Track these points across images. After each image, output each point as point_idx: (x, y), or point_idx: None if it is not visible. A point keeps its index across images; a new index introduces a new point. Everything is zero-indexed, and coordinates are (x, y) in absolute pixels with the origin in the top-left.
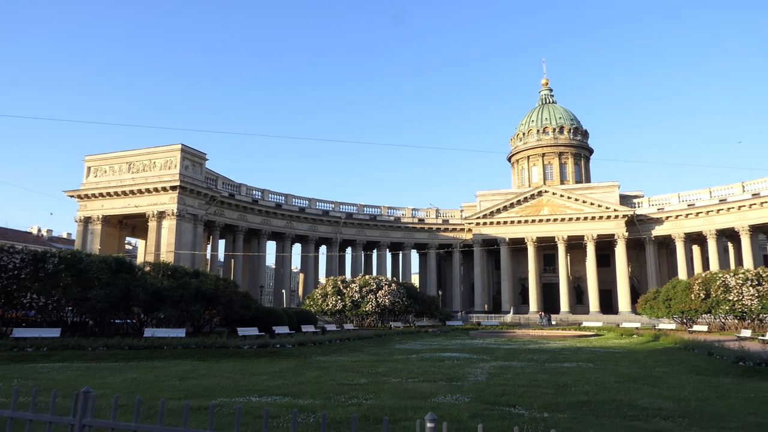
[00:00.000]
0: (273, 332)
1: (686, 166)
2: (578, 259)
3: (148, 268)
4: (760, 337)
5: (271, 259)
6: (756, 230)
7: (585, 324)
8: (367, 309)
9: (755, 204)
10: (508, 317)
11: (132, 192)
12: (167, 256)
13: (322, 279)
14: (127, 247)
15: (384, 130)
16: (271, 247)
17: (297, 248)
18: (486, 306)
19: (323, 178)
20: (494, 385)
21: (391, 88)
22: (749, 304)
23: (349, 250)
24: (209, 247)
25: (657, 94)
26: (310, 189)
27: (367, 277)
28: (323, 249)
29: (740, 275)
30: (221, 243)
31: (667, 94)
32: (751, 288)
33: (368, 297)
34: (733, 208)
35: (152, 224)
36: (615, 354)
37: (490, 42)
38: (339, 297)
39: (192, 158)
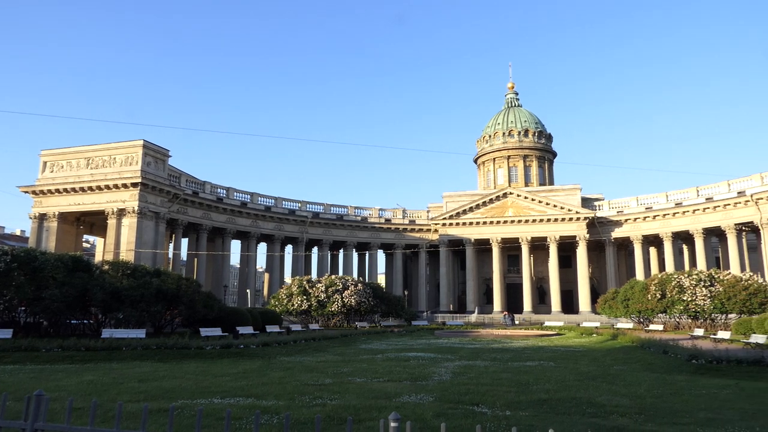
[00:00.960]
0: (237, 332)
1: (645, 171)
2: (541, 260)
3: (106, 267)
4: (712, 336)
5: (235, 258)
6: (709, 233)
7: (547, 323)
8: (333, 309)
9: (708, 208)
10: (473, 317)
11: (91, 188)
12: (127, 254)
13: (287, 279)
14: (85, 245)
15: (351, 131)
16: (235, 246)
17: (262, 248)
18: (451, 306)
19: (290, 177)
20: (458, 384)
21: (358, 89)
22: (702, 304)
23: (315, 249)
24: (171, 245)
25: (619, 99)
26: (276, 188)
27: (333, 276)
28: (289, 248)
29: (694, 276)
30: (184, 242)
31: (629, 98)
32: (704, 288)
33: (334, 297)
34: (688, 211)
35: (112, 222)
36: (575, 353)
37: (459, 44)
38: (305, 297)
39: (154, 154)
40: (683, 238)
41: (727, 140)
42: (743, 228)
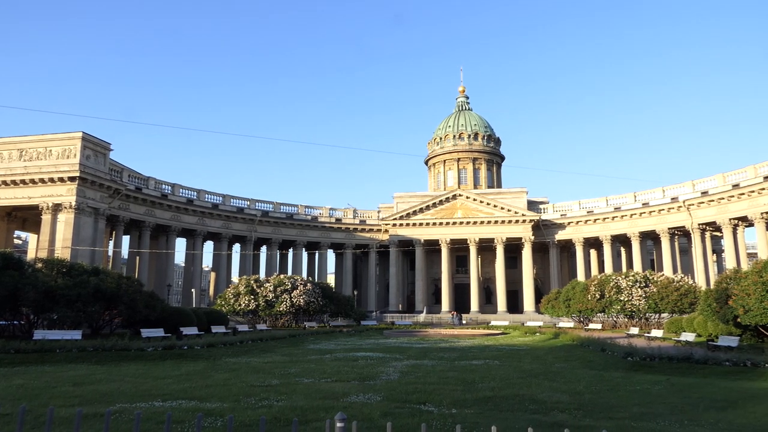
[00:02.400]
0: (180, 333)
1: (587, 176)
2: (488, 260)
3: (40, 265)
4: (646, 335)
5: (180, 257)
6: (645, 236)
7: (493, 323)
8: (281, 309)
9: (645, 213)
10: (422, 317)
11: (24, 182)
12: (63, 252)
13: (235, 278)
14: (17, 241)
15: (302, 129)
16: (180, 244)
17: (209, 246)
18: (400, 306)
19: (239, 175)
20: (406, 383)
21: (309, 88)
22: (638, 304)
23: (264, 248)
24: (112, 243)
25: (566, 103)
26: (225, 186)
27: (282, 276)
28: (237, 247)
29: (630, 278)
30: (125, 239)
31: (576, 103)
32: (639, 289)
33: (283, 297)
34: (626, 215)
35: (46, 217)
36: (519, 351)
37: (412, 46)
38: (252, 297)
39: (94, 148)
40: (621, 240)
41: (664, 147)
42: (676, 232)
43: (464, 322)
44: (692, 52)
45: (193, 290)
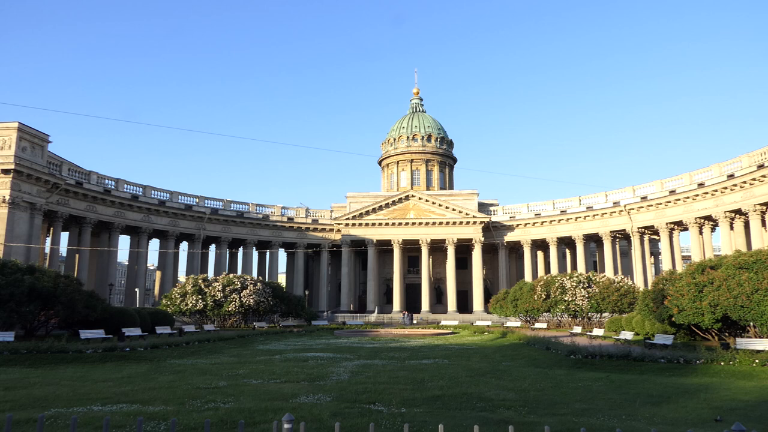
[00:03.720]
0: (122, 334)
1: (535, 179)
2: (439, 261)
3: None
4: (588, 333)
5: (124, 255)
6: (588, 239)
7: (443, 323)
8: (230, 309)
9: (588, 216)
10: (373, 317)
11: None
12: None
13: (181, 277)
14: None
15: (255, 127)
16: (124, 242)
17: (154, 244)
18: (352, 306)
19: (188, 171)
20: (356, 383)
21: (263, 87)
22: (581, 304)
23: (213, 247)
24: (49, 240)
25: (515, 108)
26: (173, 182)
27: (231, 275)
28: (184, 245)
29: (574, 278)
30: (64, 236)
31: (528, 107)
32: (582, 290)
33: (232, 296)
34: (571, 219)
35: None
36: (468, 350)
37: (368, 47)
38: (200, 296)
39: (31, 139)
40: (567, 242)
41: (608, 152)
42: (617, 235)
43: (415, 321)
44: (640, 56)
45: (137, 290)
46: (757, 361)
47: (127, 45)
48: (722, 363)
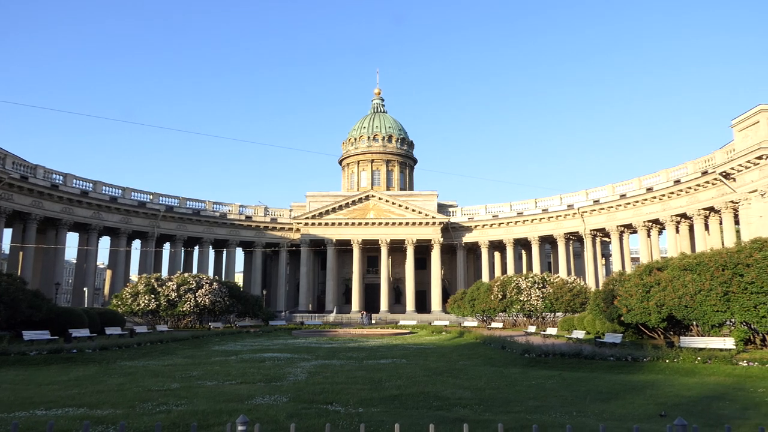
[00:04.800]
0: (69, 336)
1: (493, 182)
2: (399, 261)
3: None
4: (542, 333)
5: (72, 253)
6: (544, 240)
7: (402, 323)
8: (184, 309)
9: (544, 218)
10: (331, 317)
11: None
12: None
13: (134, 277)
14: None
15: (214, 126)
16: (72, 239)
17: (105, 242)
18: (310, 306)
19: (142, 168)
20: (314, 383)
21: (222, 85)
22: (536, 303)
23: (167, 245)
24: None
25: (474, 110)
26: (126, 179)
27: (186, 275)
28: (137, 244)
29: (530, 279)
30: (7, 232)
31: (484, 109)
32: (537, 290)
33: (187, 296)
34: (527, 220)
35: None
36: (426, 350)
37: (330, 47)
38: (153, 296)
39: None
40: (523, 244)
41: (562, 154)
42: (571, 237)
43: (374, 321)
44: (597, 61)
45: (85, 289)
46: (699, 358)
47: (80, 40)
48: (667, 360)
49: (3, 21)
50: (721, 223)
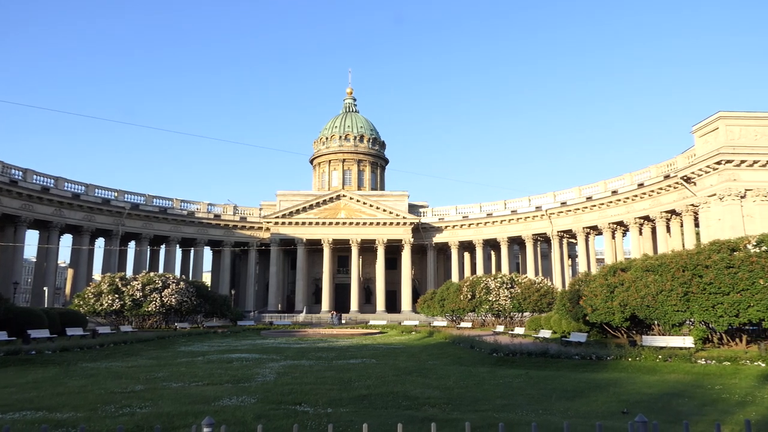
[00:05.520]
0: (28, 337)
1: (463, 183)
2: (369, 261)
3: None
4: (510, 332)
5: (32, 251)
6: (512, 241)
7: (372, 322)
8: (150, 309)
9: (513, 219)
10: (301, 317)
11: None
12: None
13: (97, 276)
14: None
15: (185, 124)
16: (32, 237)
17: (67, 240)
18: (280, 306)
19: (107, 164)
20: (282, 384)
21: (195, 84)
22: (504, 303)
23: (132, 244)
24: None
25: (446, 111)
26: (90, 175)
27: (152, 274)
28: (101, 242)
29: (498, 279)
30: None
31: (455, 110)
32: (506, 290)
33: (152, 296)
34: (496, 221)
35: None
36: (396, 350)
37: (303, 46)
38: (117, 296)
39: None
40: (492, 244)
41: (531, 156)
42: (539, 238)
43: (344, 321)
44: (567, 62)
45: (45, 289)
46: (660, 357)
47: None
48: (630, 359)
49: None
50: (682, 226)
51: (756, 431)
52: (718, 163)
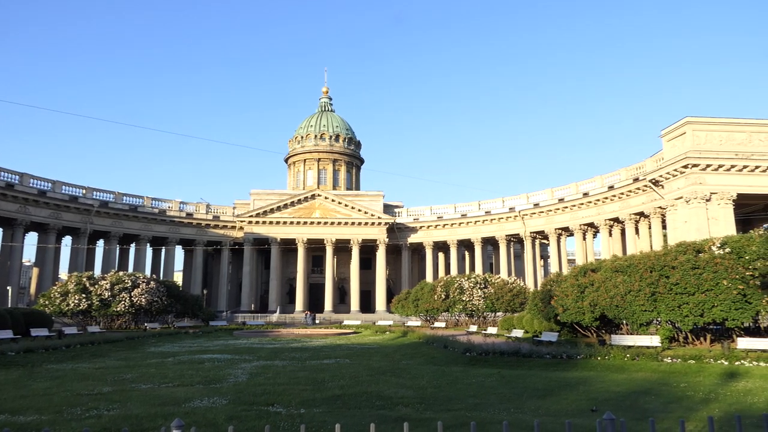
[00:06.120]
0: None
1: (438, 183)
2: (344, 261)
3: None
4: (483, 332)
5: None
6: (486, 242)
7: (346, 322)
8: (118, 309)
9: (487, 220)
10: (275, 317)
11: None
12: None
13: (63, 275)
14: None
15: (157, 122)
16: None
17: (32, 238)
18: (253, 306)
19: (75, 161)
20: (255, 384)
21: (170, 83)
22: (478, 303)
23: (101, 243)
24: None
25: (421, 112)
26: (57, 171)
27: (121, 273)
28: (68, 240)
29: (472, 279)
30: None
31: (430, 111)
32: (479, 290)
33: (121, 296)
34: (471, 222)
35: None
36: (370, 349)
37: (277, 45)
38: (84, 295)
39: None
40: (466, 245)
41: (504, 157)
42: (512, 239)
43: (318, 321)
44: (543, 64)
45: (9, 288)
46: (628, 355)
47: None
48: (599, 358)
49: None
50: (650, 228)
51: (718, 427)
52: (685, 166)
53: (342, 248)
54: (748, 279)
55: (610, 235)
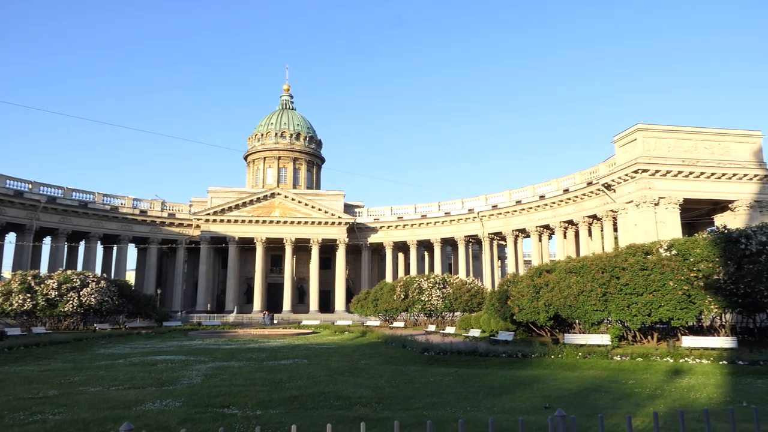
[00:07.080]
0: None
1: (398, 184)
2: (303, 260)
3: None
4: (442, 332)
5: None
6: (446, 242)
7: (305, 322)
8: (66, 309)
9: (446, 221)
10: (231, 317)
11: None
12: None
13: (6, 274)
14: None
15: (113, 117)
16: None
17: None
18: (209, 306)
19: (21, 154)
20: (210, 386)
21: (126, 80)
22: (436, 303)
23: (48, 240)
24: None
25: (381, 113)
26: (1, 166)
27: (69, 272)
28: (12, 237)
29: (431, 279)
30: None
31: (393, 112)
32: (438, 290)
33: (69, 295)
34: (430, 223)
35: None
36: (328, 350)
37: (238, 42)
38: (29, 295)
39: None
40: (426, 245)
41: (463, 158)
42: (471, 239)
43: (276, 321)
44: (507, 66)
45: None
46: (580, 354)
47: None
48: (552, 356)
49: None
50: (602, 230)
51: (663, 422)
52: (636, 172)
53: (302, 248)
54: (692, 280)
55: (565, 236)
